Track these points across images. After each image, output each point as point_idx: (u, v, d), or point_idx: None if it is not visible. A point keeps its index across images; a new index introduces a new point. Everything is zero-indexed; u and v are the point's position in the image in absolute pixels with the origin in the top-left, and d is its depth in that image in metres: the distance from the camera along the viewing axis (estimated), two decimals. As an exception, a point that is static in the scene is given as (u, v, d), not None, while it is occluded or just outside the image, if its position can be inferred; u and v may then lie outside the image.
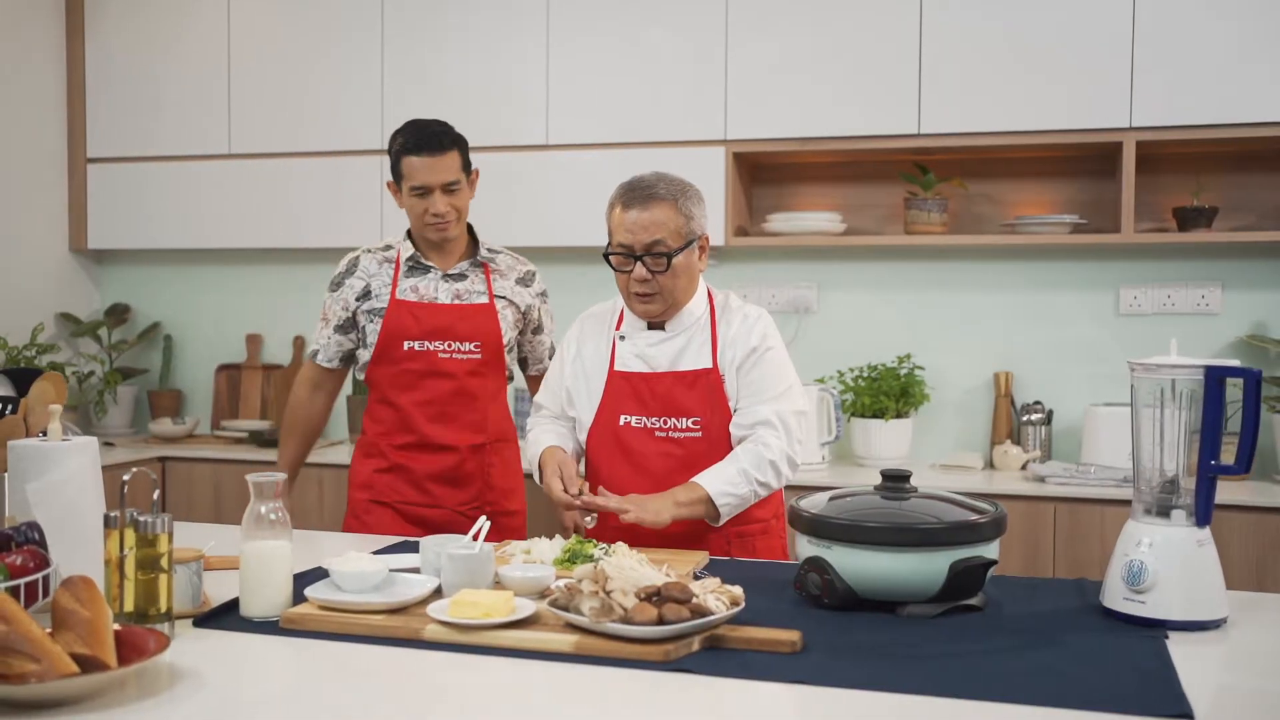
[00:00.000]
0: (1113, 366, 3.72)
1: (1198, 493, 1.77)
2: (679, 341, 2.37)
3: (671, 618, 1.56)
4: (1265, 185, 3.63)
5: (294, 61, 4.16)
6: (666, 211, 2.28)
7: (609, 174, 3.84)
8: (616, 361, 2.40)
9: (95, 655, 1.37)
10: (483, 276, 2.80)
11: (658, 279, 2.29)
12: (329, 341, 2.80)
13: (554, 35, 3.91)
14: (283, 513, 1.75)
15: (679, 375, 2.34)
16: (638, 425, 2.35)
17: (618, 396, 2.37)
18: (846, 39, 3.64)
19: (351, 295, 2.75)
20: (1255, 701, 1.44)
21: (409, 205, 2.69)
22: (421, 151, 2.64)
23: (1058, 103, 3.47)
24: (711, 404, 2.32)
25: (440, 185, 2.65)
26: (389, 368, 2.72)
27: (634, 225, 2.28)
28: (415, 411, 2.71)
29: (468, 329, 2.72)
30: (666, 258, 2.27)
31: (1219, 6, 3.36)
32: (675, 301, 2.34)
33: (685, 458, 2.31)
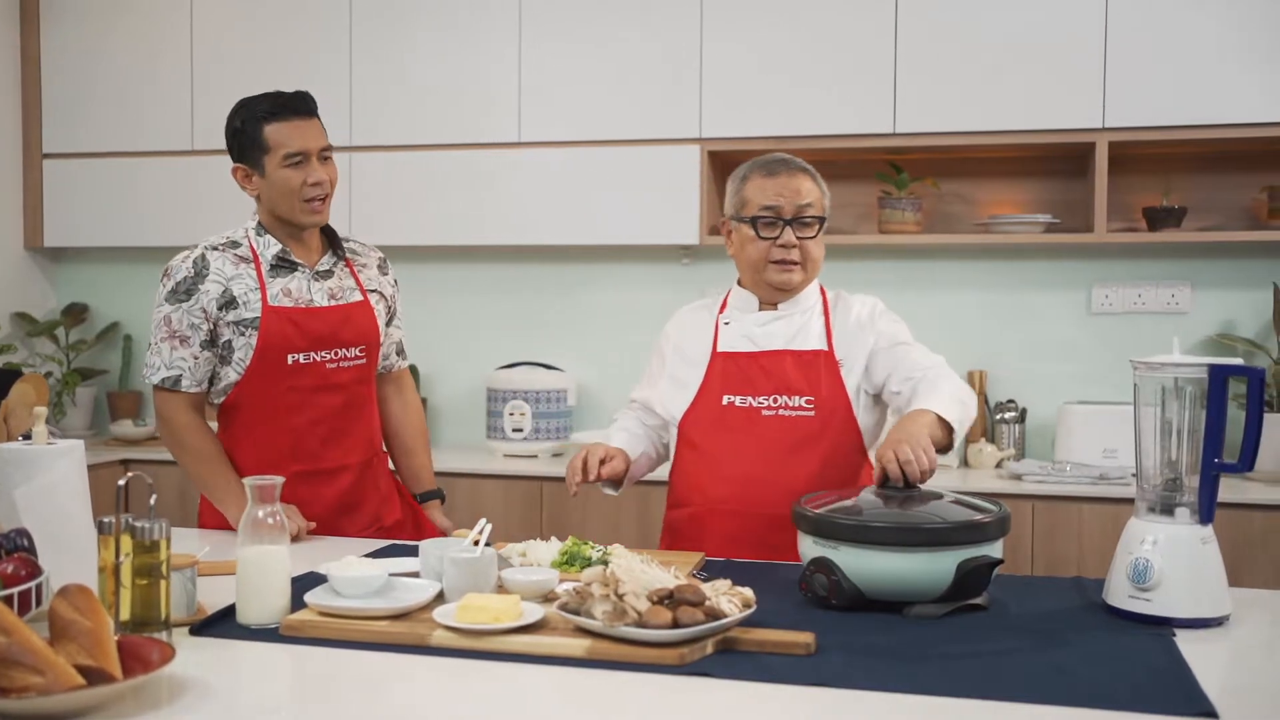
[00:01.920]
0: (1085, 365, 3.75)
1: (1201, 490, 1.77)
2: (793, 322, 2.32)
3: (686, 621, 1.53)
4: (1232, 186, 3.68)
5: (260, 56, 4.09)
6: (811, 182, 2.29)
7: (582, 172, 3.85)
8: (720, 344, 2.34)
9: (100, 666, 1.32)
10: (347, 270, 2.49)
11: (804, 246, 2.26)
12: (195, 362, 2.33)
13: (526, 31, 3.87)
14: (281, 517, 1.70)
15: (794, 354, 2.28)
16: (742, 405, 2.27)
17: (721, 377, 2.30)
18: (822, 38, 3.64)
19: (209, 303, 2.31)
20: (1270, 697, 1.45)
21: (279, 180, 2.33)
22: (291, 115, 2.34)
23: (1031, 103, 3.50)
24: (826, 384, 2.26)
25: (318, 150, 2.36)
26: (268, 387, 2.34)
27: (784, 189, 2.25)
28: (307, 434, 2.37)
29: (352, 333, 2.42)
30: (819, 221, 2.27)
31: (1190, 10, 3.40)
32: (811, 275, 2.32)
33: (797, 437, 2.23)
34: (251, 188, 2.40)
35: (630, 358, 4.08)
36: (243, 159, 2.39)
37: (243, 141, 2.38)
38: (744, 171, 2.33)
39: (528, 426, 3.85)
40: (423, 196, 3.95)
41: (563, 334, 4.14)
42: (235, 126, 2.39)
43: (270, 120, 2.34)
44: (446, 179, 3.94)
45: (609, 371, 4.10)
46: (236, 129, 2.38)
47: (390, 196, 3.98)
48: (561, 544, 2.06)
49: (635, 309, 4.10)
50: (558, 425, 3.90)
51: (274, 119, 2.34)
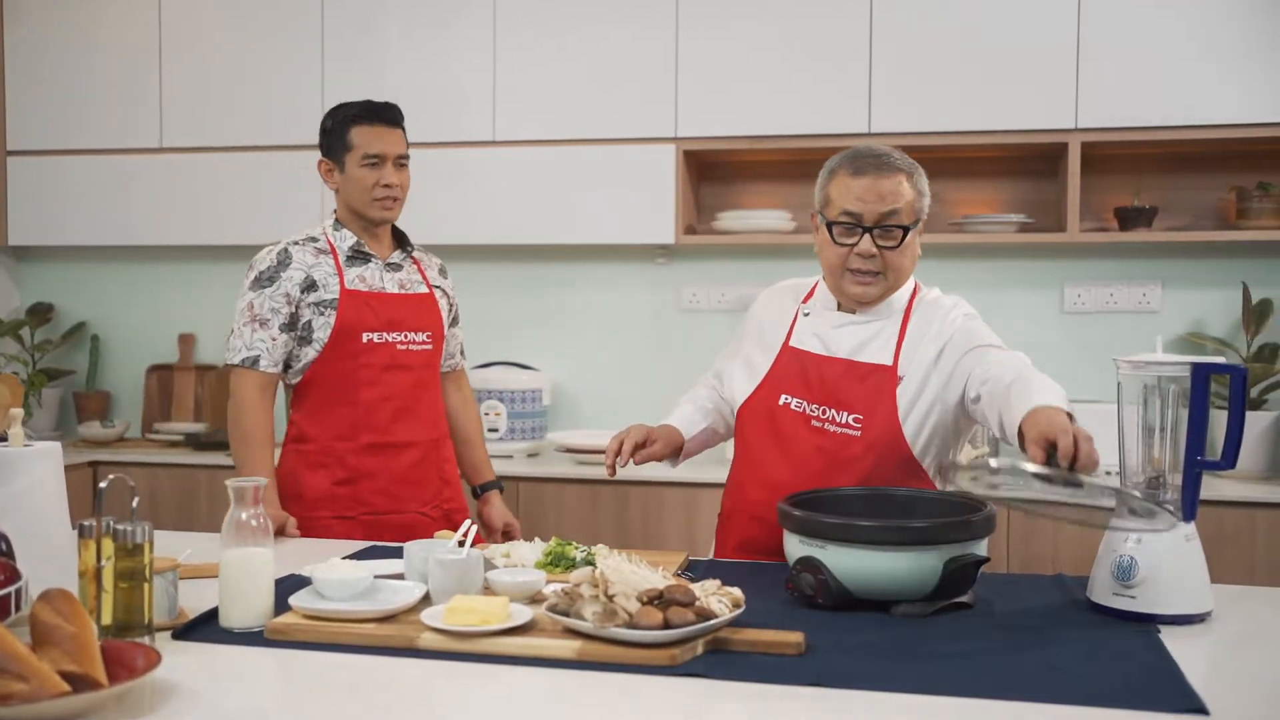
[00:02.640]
0: (1058, 364, 3.77)
1: (1184, 488, 1.79)
2: (866, 330, 2.18)
3: (677, 621, 1.53)
4: (1201, 186, 3.72)
5: (230, 52, 4.04)
6: (904, 184, 2.10)
7: (557, 172, 3.83)
8: (793, 337, 2.24)
9: (85, 673, 1.30)
10: (415, 266, 2.72)
11: (885, 256, 2.10)
12: (273, 344, 2.53)
13: (501, 28, 3.85)
14: (264, 519, 1.68)
15: (852, 365, 2.15)
16: (796, 409, 2.17)
17: (784, 374, 2.21)
18: (797, 38, 3.64)
19: (292, 288, 2.53)
20: (1257, 691, 1.46)
21: (356, 178, 2.56)
22: (376, 121, 2.58)
23: (1005, 104, 3.52)
24: (876, 403, 2.12)
25: (394, 156, 2.58)
26: (345, 363, 2.55)
27: (867, 193, 2.08)
28: (378, 408, 2.57)
29: (419, 320, 2.64)
30: (902, 230, 2.09)
31: (1161, 13, 3.43)
32: (894, 285, 2.16)
33: (836, 456, 2.11)
34: (332, 182, 2.63)
35: (606, 357, 4.08)
36: (328, 155, 2.63)
37: (331, 140, 2.61)
38: (833, 165, 2.16)
39: (503, 426, 3.84)
40: (396, 195, 3.92)
41: (538, 333, 4.13)
42: (326, 126, 2.63)
43: (357, 123, 2.58)
44: (420, 178, 3.85)
45: (585, 371, 4.09)
46: (327, 128, 2.63)
47: (363, 195, 3.94)
48: (545, 545, 2.05)
49: (611, 308, 4.09)
50: (533, 425, 3.89)
51: (360, 122, 2.58)
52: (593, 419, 4.06)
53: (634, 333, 4.07)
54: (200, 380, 4.32)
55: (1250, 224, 3.54)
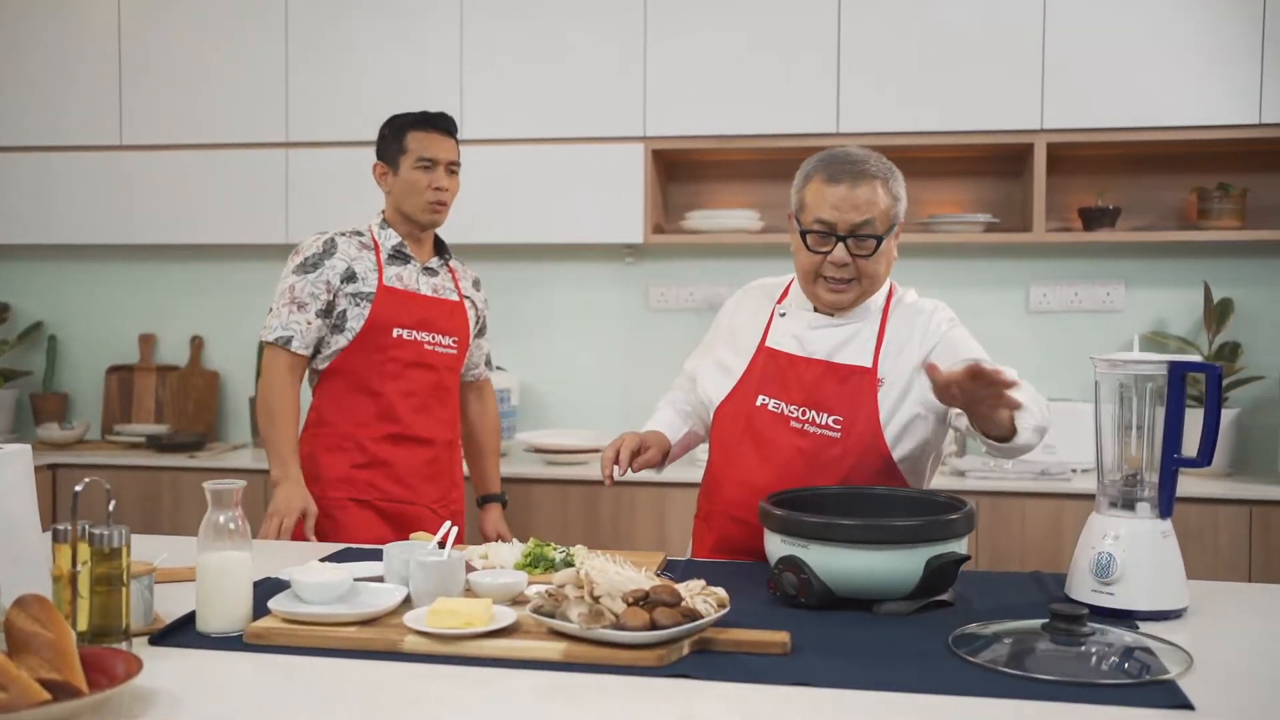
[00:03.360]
0: (1024, 362, 3.79)
1: (1161, 485, 1.81)
2: (844, 332, 2.18)
3: (664, 622, 1.52)
4: (1163, 187, 3.77)
5: (192, 48, 3.99)
6: (879, 191, 2.09)
7: (525, 171, 3.81)
8: (770, 337, 2.23)
9: (66, 680, 1.27)
10: (450, 275, 2.83)
11: (859, 264, 2.09)
12: (308, 326, 2.63)
13: (468, 26, 3.82)
14: (242, 522, 1.65)
15: (832, 367, 2.15)
16: (775, 410, 2.16)
17: (761, 374, 2.19)
18: (766, 38, 3.65)
19: (334, 276, 2.64)
20: (1239, 686, 1.47)
21: (410, 180, 2.67)
22: (431, 128, 2.70)
23: (973, 105, 3.54)
24: (857, 405, 2.12)
25: (446, 162, 2.70)
26: (373, 355, 2.65)
27: (842, 202, 2.07)
28: (400, 401, 2.66)
29: (447, 324, 2.74)
30: (876, 240, 2.09)
31: (1124, 17, 3.47)
32: (868, 291, 2.15)
33: (816, 457, 2.11)
34: (385, 184, 2.73)
35: (574, 357, 4.06)
36: (383, 158, 2.73)
37: (387, 144, 2.72)
38: (810, 168, 2.15)
39: (471, 427, 3.80)
40: (361, 194, 3.86)
41: (506, 333, 4.10)
42: (384, 133, 2.74)
43: (413, 129, 2.70)
44: (386, 176, 3.87)
45: (553, 371, 4.07)
46: (385, 134, 2.73)
47: (327, 194, 3.90)
48: (523, 546, 2.03)
49: (579, 308, 4.08)
50: (502, 425, 3.85)
51: (417, 128, 2.70)
52: (561, 419, 4.04)
53: (602, 332, 4.06)
54: (161, 381, 4.26)
55: (1211, 224, 3.59)
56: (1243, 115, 3.43)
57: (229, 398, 4.29)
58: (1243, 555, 3.21)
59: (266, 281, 4.22)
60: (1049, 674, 1.47)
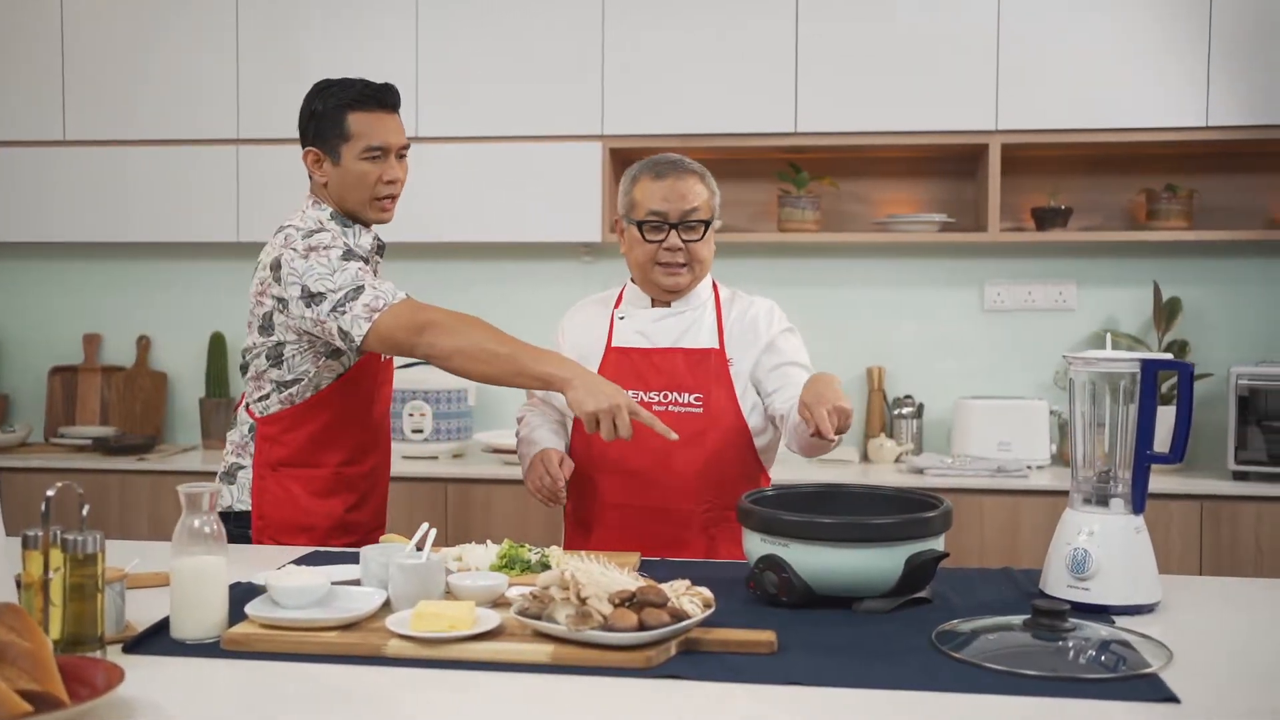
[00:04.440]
0: (979, 360, 3.86)
1: (1134, 481, 1.83)
2: (684, 320, 2.37)
3: (652, 622, 1.51)
4: (1113, 188, 3.83)
5: (139, 42, 3.90)
6: (699, 184, 2.33)
7: (482, 168, 3.78)
8: (615, 339, 2.38)
9: (46, 691, 1.23)
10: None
11: (691, 248, 2.30)
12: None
13: (424, 22, 3.78)
14: (217, 525, 1.61)
15: (685, 352, 2.33)
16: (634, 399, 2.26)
17: (615, 371, 2.33)
18: (725, 37, 3.65)
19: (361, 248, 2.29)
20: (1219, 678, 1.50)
21: (356, 172, 2.24)
22: (376, 106, 2.25)
23: (929, 106, 3.58)
24: (715, 383, 2.31)
25: (397, 148, 2.28)
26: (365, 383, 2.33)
27: (670, 193, 2.29)
28: (380, 426, 2.40)
29: None
30: (704, 225, 2.30)
31: (1075, 21, 3.53)
32: (700, 275, 2.35)
33: (685, 432, 2.23)
34: (321, 175, 2.29)
35: (530, 356, 4.04)
36: (318, 143, 2.27)
37: (320, 126, 2.26)
38: (634, 172, 2.36)
39: (428, 427, 3.77)
40: (315, 191, 3.83)
41: (461, 332, 4.06)
42: (314, 109, 2.27)
43: (355, 108, 2.24)
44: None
45: (509, 370, 4.04)
46: (315, 111, 2.27)
47: (280, 191, 3.82)
48: (498, 548, 2.01)
49: (536, 307, 4.04)
50: (458, 426, 3.83)
51: (359, 108, 2.24)
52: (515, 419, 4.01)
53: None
54: (107, 382, 4.16)
55: (1159, 224, 3.66)
56: (1190, 118, 3.49)
57: (177, 399, 4.20)
58: (1194, 550, 3.28)
59: (216, 280, 4.16)
60: (1034, 669, 1.48)
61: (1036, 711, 1.38)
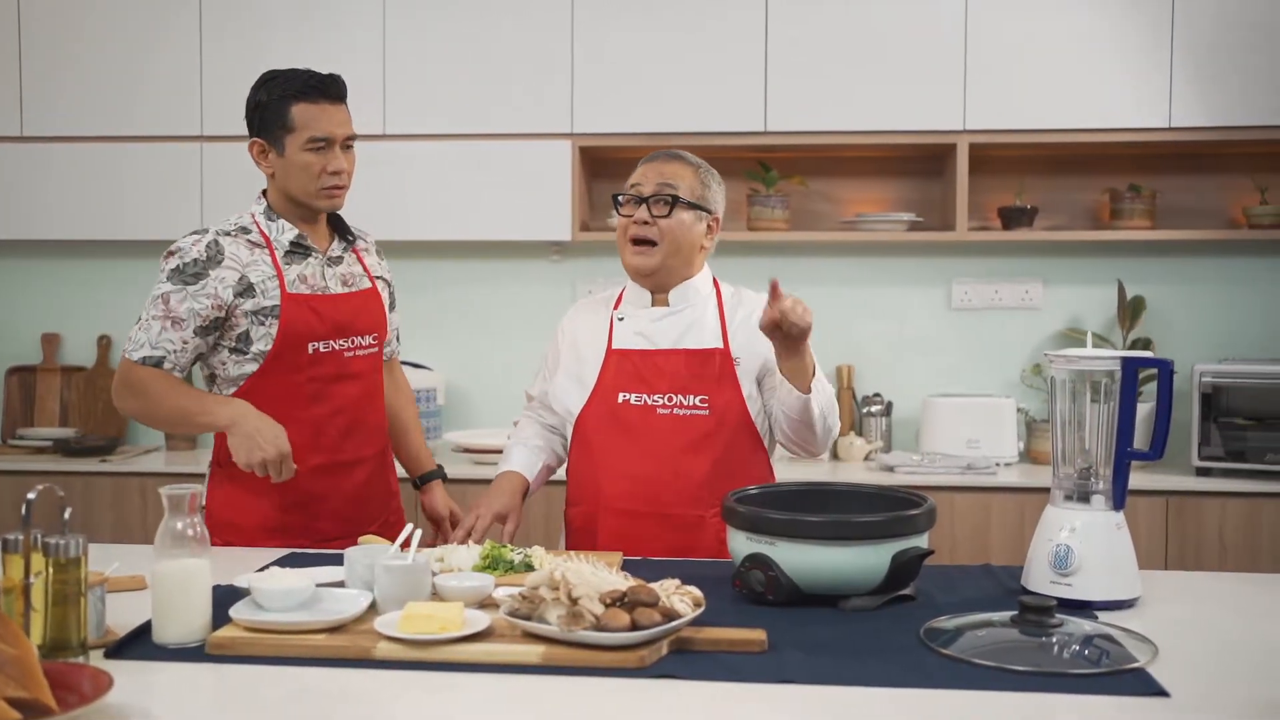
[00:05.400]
0: (947, 358, 3.89)
1: (1115, 478, 1.85)
2: (684, 319, 2.29)
3: (644, 622, 1.51)
4: (1078, 188, 3.88)
5: (99, 35, 3.83)
6: (686, 170, 2.29)
7: (451, 167, 3.75)
8: (615, 341, 2.31)
9: (35, 698, 1.20)
10: (355, 256, 2.44)
11: (659, 225, 2.23)
12: (183, 347, 2.21)
13: (391, 18, 3.75)
14: (200, 528, 1.59)
15: (689, 353, 2.26)
16: (637, 403, 2.25)
17: (617, 375, 2.28)
18: (694, 36, 3.65)
19: (224, 289, 2.21)
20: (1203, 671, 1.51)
21: (300, 163, 2.25)
22: (320, 98, 2.25)
23: (897, 106, 3.60)
24: (721, 384, 2.24)
25: (343, 139, 2.28)
26: (288, 378, 2.27)
27: (650, 171, 2.28)
28: (327, 425, 2.31)
29: (366, 320, 2.38)
30: (673, 201, 2.23)
31: (1042, 22, 3.56)
32: (673, 263, 2.27)
33: (692, 437, 2.21)
34: (266, 165, 2.31)
35: (501, 355, 4.02)
36: (262, 134, 2.29)
37: (265, 116, 2.28)
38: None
39: (397, 427, 3.73)
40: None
41: (431, 332, 4.04)
42: (259, 100, 2.29)
43: (299, 100, 2.25)
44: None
45: (479, 369, 4.02)
46: (260, 102, 2.28)
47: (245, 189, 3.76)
48: (480, 548, 2.00)
49: (505, 306, 4.03)
50: (428, 425, 3.79)
51: (303, 99, 2.25)
52: (488, 418, 3.99)
53: (529, 331, 4.01)
54: (67, 382, 4.09)
55: (1123, 224, 3.70)
56: (1153, 119, 3.54)
57: (139, 399, 4.14)
58: (1159, 545, 3.32)
59: (178, 279, 4.10)
60: (1023, 665, 1.49)
61: (1028, 707, 1.39)
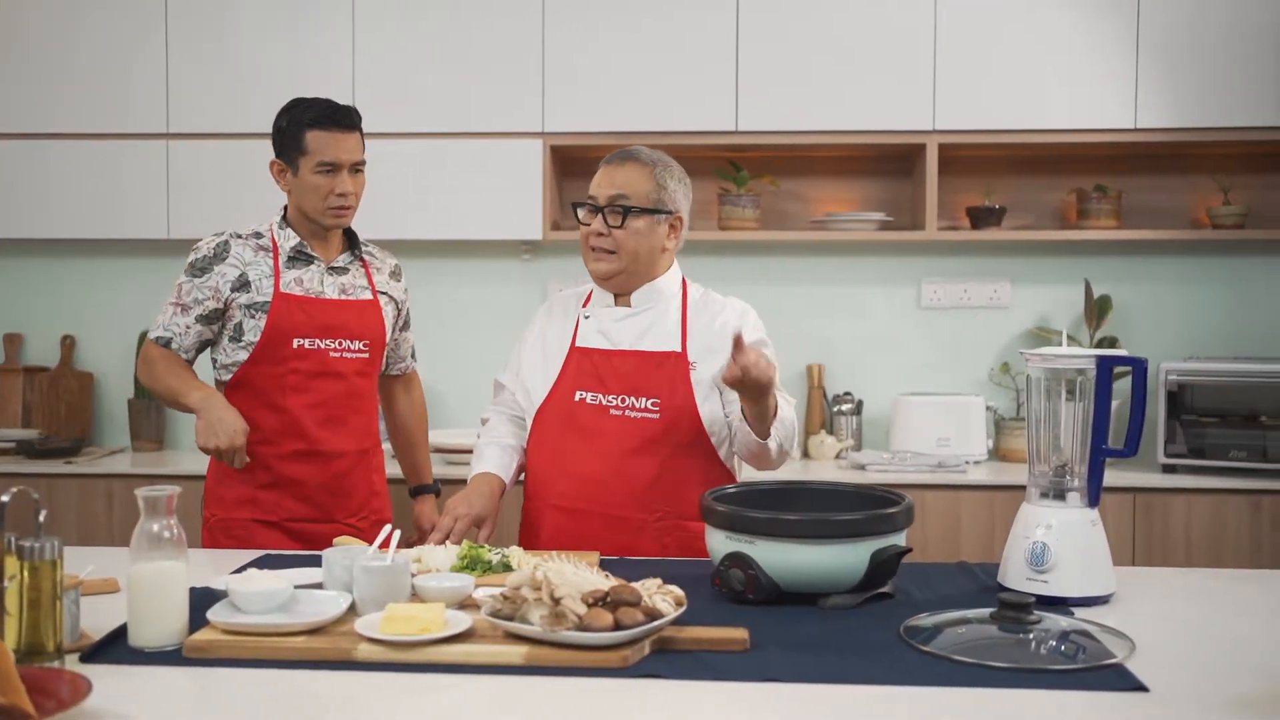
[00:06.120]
0: (916, 357, 3.91)
1: (1090, 475, 1.87)
2: (644, 320, 2.31)
3: (627, 622, 1.50)
4: (1045, 188, 3.91)
5: (64, 31, 3.77)
6: (640, 173, 2.29)
7: (421, 165, 3.74)
8: (579, 338, 2.34)
9: (14, 704, 1.18)
10: (363, 270, 2.64)
11: (614, 235, 2.25)
12: (187, 330, 2.50)
13: (360, 15, 3.72)
14: (177, 530, 1.57)
15: (644, 355, 2.28)
16: (593, 402, 2.27)
17: (576, 372, 2.31)
18: (666, 35, 3.65)
19: (224, 284, 2.48)
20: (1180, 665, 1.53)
21: (311, 184, 2.48)
22: (332, 126, 2.48)
23: (868, 106, 3.61)
24: (673, 388, 2.25)
25: (350, 164, 2.50)
26: (273, 368, 2.49)
27: (603, 179, 2.29)
28: (304, 415, 2.50)
29: (357, 327, 2.56)
30: (624, 211, 2.24)
31: (1010, 24, 3.59)
32: (632, 268, 2.29)
33: (640, 439, 2.23)
34: (284, 184, 2.55)
35: (472, 354, 4.00)
36: (281, 156, 2.53)
37: (284, 140, 2.52)
38: None
39: (367, 427, 3.71)
40: (249, 188, 3.73)
41: (399, 331, 4.01)
42: (280, 125, 2.53)
43: (313, 127, 2.48)
44: (275, 169, 3.75)
45: (450, 369, 3.99)
46: (281, 127, 2.52)
47: (212, 187, 3.75)
48: (457, 548, 1.99)
49: (476, 305, 4.02)
50: (398, 425, 3.77)
51: (316, 126, 2.48)
52: (459, 418, 3.98)
53: (500, 330, 3.98)
54: (30, 383, 4.03)
55: (1090, 224, 3.74)
56: (1119, 120, 3.58)
57: (104, 400, 4.09)
58: (1126, 541, 3.35)
59: (145, 278, 4.05)
60: (1003, 662, 1.51)
61: (1008, 703, 1.40)
